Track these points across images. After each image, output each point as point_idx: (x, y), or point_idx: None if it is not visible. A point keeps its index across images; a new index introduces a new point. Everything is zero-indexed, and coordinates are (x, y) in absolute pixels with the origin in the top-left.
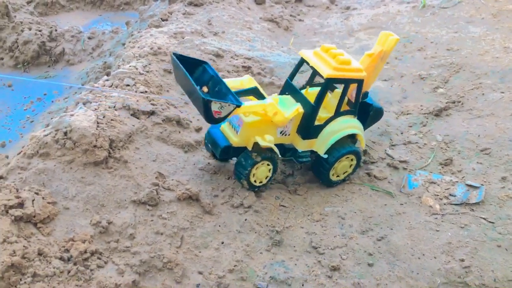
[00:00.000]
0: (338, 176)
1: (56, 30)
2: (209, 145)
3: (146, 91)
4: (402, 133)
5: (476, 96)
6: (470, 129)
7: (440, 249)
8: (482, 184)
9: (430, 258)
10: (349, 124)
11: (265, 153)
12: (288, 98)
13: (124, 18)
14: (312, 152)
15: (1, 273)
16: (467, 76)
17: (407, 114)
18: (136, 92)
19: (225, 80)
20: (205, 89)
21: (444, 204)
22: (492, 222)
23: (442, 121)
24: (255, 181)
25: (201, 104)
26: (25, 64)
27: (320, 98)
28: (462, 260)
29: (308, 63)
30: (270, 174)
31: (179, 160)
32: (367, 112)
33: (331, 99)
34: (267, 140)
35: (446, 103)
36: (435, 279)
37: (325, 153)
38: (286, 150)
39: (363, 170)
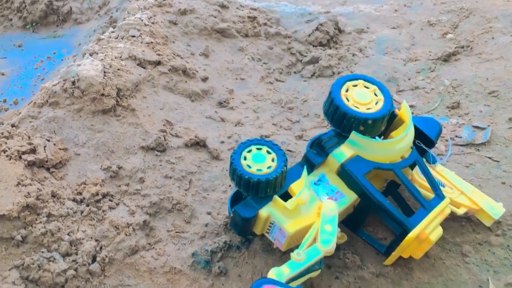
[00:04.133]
0: None
1: None
2: None
3: (151, 42)
4: (409, 79)
5: (485, 40)
6: (478, 72)
7: None
8: (488, 125)
9: None
10: None
11: None
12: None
13: None
14: None
15: (17, 213)
16: (477, 20)
17: (415, 60)
18: (142, 42)
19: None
20: None
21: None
22: (497, 161)
23: (451, 66)
24: None
25: None
26: (34, 24)
27: None
28: None
29: None
30: None
31: (186, 109)
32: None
33: None
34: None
35: (455, 48)
36: None
37: None
38: None
39: None
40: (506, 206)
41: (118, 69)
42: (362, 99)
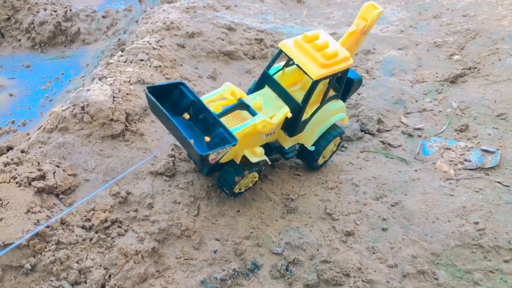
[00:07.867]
0: (324, 157)
1: (70, 10)
2: (193, 161)
3: (160, 66)
4: (417, 101)
5: (492, 61)
6: (486, 94)
7: (454, 213)
8: (497, 149)
9: (444, 221)
10: (334, 110)
11: (254, 166)
12: (271, 95)
13: None
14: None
15: (27, 241)
16: (484, 41)
17: (422, 82)
18: (150, 66)
19: (205, 97)
20: (186, 115)
21: (459, 169)
22: (507, 186)
23: (458, 88)
24: (239, 189)
25: (198, 157)
26: (42, 44)
27: (307, 98)
28: (477, 223)
29: (292, 59)
30: (251, 185)
31: None
32: (349, 87)
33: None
34: (258, 154)
35: (462, 69)
36: (449, 241)
37: (312, 145)
38: (272, 149)
39: (377, 139)
40: None
41: (127, 94)
42: None
